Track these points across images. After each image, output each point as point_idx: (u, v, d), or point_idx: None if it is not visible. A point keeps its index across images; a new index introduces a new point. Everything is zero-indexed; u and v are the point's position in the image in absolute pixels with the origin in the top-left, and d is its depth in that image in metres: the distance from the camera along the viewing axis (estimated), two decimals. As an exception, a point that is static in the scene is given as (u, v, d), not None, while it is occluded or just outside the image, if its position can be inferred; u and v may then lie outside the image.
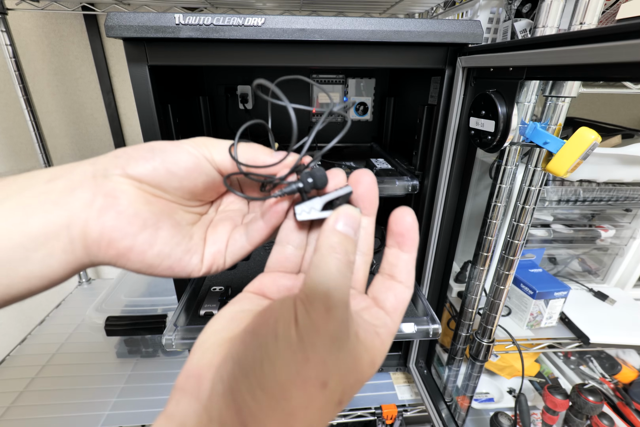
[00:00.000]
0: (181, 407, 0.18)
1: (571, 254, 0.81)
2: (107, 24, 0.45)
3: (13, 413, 0.74)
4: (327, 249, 0.18)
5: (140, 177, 0.20)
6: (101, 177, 0.20)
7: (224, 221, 0.25)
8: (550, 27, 0.40)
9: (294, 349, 0.16)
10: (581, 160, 0.37)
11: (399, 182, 0.64)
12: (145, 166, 0.21)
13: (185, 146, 0.23)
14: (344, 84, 0.91)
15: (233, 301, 0.22)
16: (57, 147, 1.11)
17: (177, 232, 0.22)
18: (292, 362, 0.16)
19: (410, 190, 0.65)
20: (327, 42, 0.49)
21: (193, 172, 0.22)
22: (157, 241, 0.21)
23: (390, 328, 0.20)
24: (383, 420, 0.77)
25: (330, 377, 0.16)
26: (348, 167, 0.77)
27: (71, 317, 1.04)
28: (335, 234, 0.19)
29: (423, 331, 0.57)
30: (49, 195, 0.19)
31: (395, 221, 0.21)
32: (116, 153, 0.21)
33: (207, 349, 0.19)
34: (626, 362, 0.83)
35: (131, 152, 0.21)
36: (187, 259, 0.22)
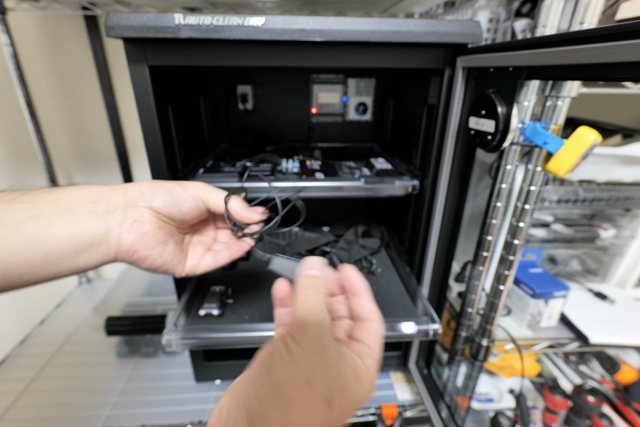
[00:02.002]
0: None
1: (571, 254, 0.81)
2: (107, 24, 0.45)
3: (13, 413, 0.74)
4: (302, 288, 0.26)
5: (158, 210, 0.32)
6: (132, 206, 0.30)
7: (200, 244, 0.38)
8: (550, 27, 0.40)
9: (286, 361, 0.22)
10: (581, 160, 0.37)
11: (399, 182, 0.64)
12: (164, 203, 0.32)
13: (190, 191, 0.34)
14: (344, 84, 0.91)
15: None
16: (57, 147, 1.11)
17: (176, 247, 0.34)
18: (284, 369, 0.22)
19: (410, 190, 0.65)
20: (327, 42, 0.49)
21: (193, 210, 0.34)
22: (165, 253, 0.32)
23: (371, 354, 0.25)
24: (383, 420, 0.77)
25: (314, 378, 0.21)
26: (348, 167, 0.76)
27: (71, 317, 1.04)
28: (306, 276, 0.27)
29: (423, 331, 0.58)
30: (94, 215, 0.28)
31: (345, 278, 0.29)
32: (142, 189, 0.32)
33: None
34: (626, 362, 0.83)
35: (154, 190, 0.32)
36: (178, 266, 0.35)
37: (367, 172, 0.73)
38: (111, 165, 1.16)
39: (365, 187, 0.63)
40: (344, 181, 0.63)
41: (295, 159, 0.78)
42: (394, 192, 0.65)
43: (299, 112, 0.95)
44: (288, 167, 0.73)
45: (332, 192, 0.63)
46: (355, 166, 0.78)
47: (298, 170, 0.72)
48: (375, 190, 0.64)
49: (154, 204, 0.31)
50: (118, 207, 0.29)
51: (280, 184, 0.61)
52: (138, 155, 1.15)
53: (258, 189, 0.60)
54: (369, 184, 0.63)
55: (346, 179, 0.65)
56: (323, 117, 0.95)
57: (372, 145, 0.98)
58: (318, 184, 0.62)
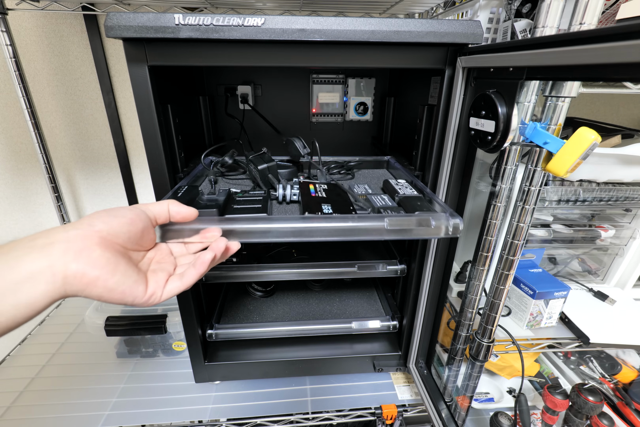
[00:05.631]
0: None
1: (571, 254, 0.81)
2: (107, 24, 0.45)
3: (13, 413, 0.74)
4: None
5: (100, 229, 0.31)
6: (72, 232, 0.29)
7: (161, 271, 0.36)
8: (550, 27, 0.40)
9: None
10: (581, 160, 0.37)
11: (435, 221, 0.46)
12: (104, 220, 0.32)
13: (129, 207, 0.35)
14: (344, 84, 0.91)
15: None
16: (57, 147, 1.11)
17: (129, 267, 0.32)
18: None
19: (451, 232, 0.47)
20: (327, 42, 0.49)
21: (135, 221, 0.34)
22: (117, 272, 0.30)
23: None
24: (383, 420, 0.77)
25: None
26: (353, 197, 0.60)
27: (71, 317, 1.04)
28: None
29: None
30: (32, 249, 0.27)
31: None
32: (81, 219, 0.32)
33: None
34: (626, 362, 0.83)
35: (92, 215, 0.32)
36: (135, 286, 0.32)
37: (387, 201, 0.57)
38: (111, 166, 1.16)
39: (390, 229, 0.46)
40: (361, 222, 0.46)
41: (295, 182, 0.65)
42: (428, 235, 0.47)
43: (299, 112, 0.95)
44: (286, 194, 0.60)
45: (345, 236, 0.46)
46: (370, 191, 0.64)
47: (298, 198, 0.59)
48: (404, 233, 0.46)
49: (95, 224, 0.31)
50: (57, 239, 0.28)
51: (275, 225, 0.45)
52: (138, 155, 1.15)
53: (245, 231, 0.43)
54: (394, 225, 0.46)
55: (364, 218, 0.46)
56: (323, 117, 0.95)
57: (389, 160, 0.81)
58: (326, 226, 0.45)
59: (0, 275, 0.26)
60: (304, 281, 0.97)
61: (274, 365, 0.80)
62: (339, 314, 0.85)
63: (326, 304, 0.89)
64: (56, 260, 0.27)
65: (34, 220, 1.20)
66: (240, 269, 0.71)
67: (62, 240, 0.28)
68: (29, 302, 0.26)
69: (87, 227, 0.30)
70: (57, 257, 0.27)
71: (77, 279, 0.28)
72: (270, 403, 0.78)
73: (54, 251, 0.27)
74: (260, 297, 0.92)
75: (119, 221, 0.32)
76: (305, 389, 0.82)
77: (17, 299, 0.26)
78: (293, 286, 0.96)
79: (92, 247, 0.29)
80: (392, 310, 0.83)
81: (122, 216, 0.33)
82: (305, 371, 0.83)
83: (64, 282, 0.27)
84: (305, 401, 0.78)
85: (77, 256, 0.28)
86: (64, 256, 0.28)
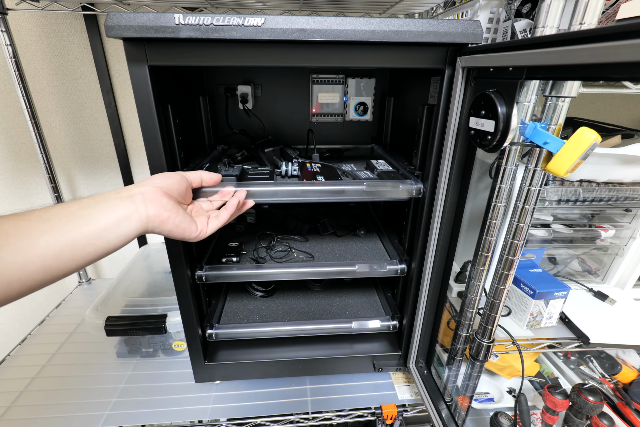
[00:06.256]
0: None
1: (571, 254, 0.81)
2: (107, 24, 0.45)
3: (13, 413, 0.74)
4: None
5: (160, 186, 0.44)
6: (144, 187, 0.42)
7: (203, 215, 0.50)
8: (550, 27, 0.40)
9: None
10: (581, 160, 0.37)
11: (403, 185, 0.62)
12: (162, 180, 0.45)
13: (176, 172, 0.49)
14: (344, 84, 0.91)
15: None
16: (57, 147, 1.11)
17: (184, 212, 0.46)
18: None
19: (414, 194, 0.63)
20: (327, 42, 0.49)
21: (181, 183, 0.47)
22: (179, 215, 0.44)
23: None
24: (383, 420, 0.77)
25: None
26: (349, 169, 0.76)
27: (71, 317, 1.04)
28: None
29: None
30: (121, 200, 0.39)
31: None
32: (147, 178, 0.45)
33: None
34: (626, 362, 0.83)
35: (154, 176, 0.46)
36: (191, 224, 0.46)
37: (369, 175, 0.71)
38: (111, 165, 1.16)
39: (368, 191, 0.61)
40: (345, 185, 0.62)
41: (295, 162, 0.77)
42: (397, 196, 0.63)
43: (299, 112, 0.95)
44: (288, 170, 0.72)
45: (333, 196, 0.61)
46: (355, 169, 0.76)
47: (298, 173, 0.71)
48: (378, 194, 0.62)
49: (157, 182, 0.44)
50: (135, 192, 0.40)
51: (279, 188, 0.59)
52: (138, 155, 1.15)
53: (257, 193, 0.58)
54: (371, 187, 0.61)
55: (348, 183, 0.63)
56: (323, 117, 0.95)
57: (373, 146, 0.97)
58: (319, 188, 0.61)
59: (106, 216, 0.37)
60: (304, 281, 0.97)
61: (274, 365, 0.80)
62: (339, 314, 0.85)
63: (326, 304, 0.89)
64: (139, 206, 0.39)
65: (34, 220, 1.20)
66: (241, 268, 0.72)
67: (139, 193, 0.41)
68: (126, 235, 0.38)
69: (152, 184, 0.43)
70: (139, 204, 0.40)
71: (156, 217, 0.41)
72: (270, 403, 0.78)
73: (136, 200, 0.40)
74: (260, 297, 0.92)
75: (172, 180, 0.46)
76: (305, 389, 0.82)
77: (119, 232, 0.37)
78: (293, 286, 0.96)
79: (161, 197, 0.42)
80: (392, 310, 0.83)
81: (172, 177, 0.46)
82: (305, 371, 0.83)
83: (147, 220, 0.40)
84: (305, 401, 0.78)
85: (153, 203, 0.41)
86: (144, 203, 0.40)
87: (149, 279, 1.04)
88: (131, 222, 0.38)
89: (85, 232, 0.35)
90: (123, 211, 0.38)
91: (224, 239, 0.88)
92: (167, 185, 0.44)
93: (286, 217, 0.95)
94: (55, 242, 0.33)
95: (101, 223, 0.36)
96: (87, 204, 0.37)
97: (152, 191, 0.42)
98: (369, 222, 0.98)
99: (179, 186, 0.46)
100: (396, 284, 0.85)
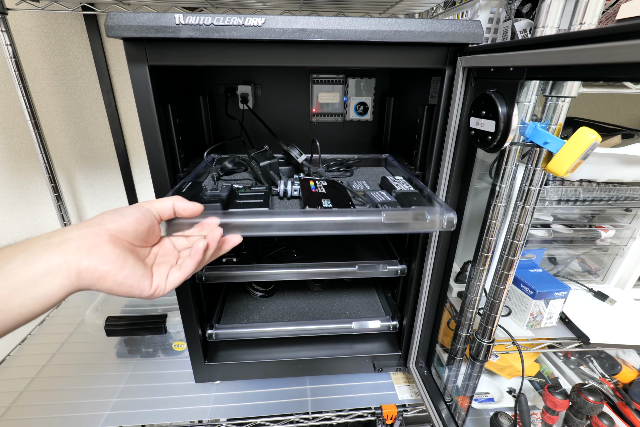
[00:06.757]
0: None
1: (571, 254, 0.81)
2: (107, 23, 0.45)
3: (13, 413, 0.74)
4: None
5: (109, 227, 0.33)
6: (84, 230, 0.32)
7: (165, 263, 0.38)
8: (550, 27, 0.40)
9: None
10: (581, 160, 0.37)
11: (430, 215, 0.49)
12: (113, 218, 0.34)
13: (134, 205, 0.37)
14: (344, 84, 0.91)
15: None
16: (57, 147, 1.11)
17: (136, 262, 0.34)
18: None
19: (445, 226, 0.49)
20: (327, 42, 0.49)
21: (141, 219, 0.36)
22: (124, 269, 0.32)
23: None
24: (383, 420, 0.77)
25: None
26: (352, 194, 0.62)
27: (71, 317, 1.04)
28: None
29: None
30: (49, 246, 0.30)
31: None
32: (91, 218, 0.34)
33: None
34: (626, 362, 0.83)
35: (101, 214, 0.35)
36: (142, 280, 0.34)
37: (386, 197, 0.59)
38: (111, 166, 1.16)
39: (387, 223, 0.48)
40: (359, 215, 0.48)
41: (296, 178, 0.66)
42: (423, 229, 0.50)
43: (299, 112, 0.95)
44: (287, 190, 0.61)
45: (344, 229, 0.48)
46: (369, 187, 0.65)
47: (299, 194, 0.61)
48: (400, 227, 0.49)
49: (105, 222, 0.33)
50: (71, 236, 0.31)
51: (276, 219, 0.46)
52: (138, 156, 1.15)
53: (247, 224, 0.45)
54: (391, 219, 0.48)
55: (362, 212, 0.48)
56: (323, 117, 0.95)
57: (387, 158, 0.83)
58: (326, 219, 0.47)
59: (22, 270, 0.28)
60: (304, 281, 0.97)
61: (274, 365, 0.80)
62: (339, 314, 0.85)
63: (326, 304, 0.89)
64: (70, 256, 0.30)
65: (34, 220, 1.20)
66: (240, 269, 0.72)
67: (75, 237, 0.31)
68: (47, 295, 0.29)
69: (97, 226, 0.32)
70: (71, 253, 0.30)
71: (90, 273, 0.30)
72: (270, 403, 0.78)
73: (68, 248, 0.30)
74: (260, 297, 0.92)
75: (127, 220, 0.34)
76: (305, 389, 0.82)
77: (36, 292, 0.28)
78: (293, 286, 0.96)
79: (103, 244, 0.31)
80: (392, 310, 0.83)
81: (129, 215, 0.35)
82: (305, 371, 0.83)
83: (77, 276, 0.30)
84: (305, 401, 0.78)
85: (89, 252, 0.30)
86: (77, 252, 0.30)
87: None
88: (55, 278, 0.29)
89: None
90: (46, 264, 0.29)
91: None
92: (120, 226, 0.34)
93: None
94: None
95: (13, 280, 0.27)
96: (6, 254, 0.29)
97: (94, 235, 0.31)
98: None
99: (138, 226, 0.35)
100: (396, 284, 0.85)
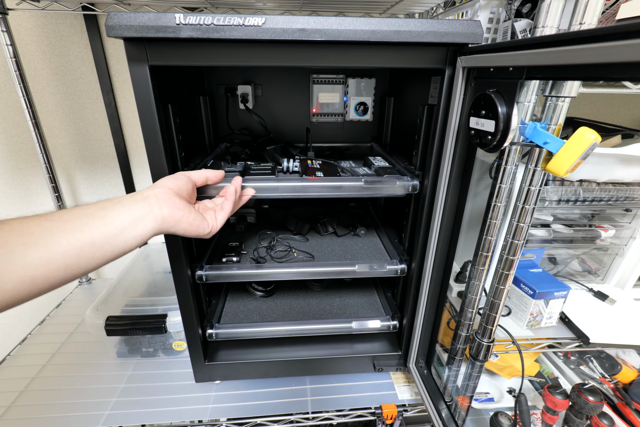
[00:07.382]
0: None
1: (571, 254, 0.81)
2: (107, 23, 0.45)
3: (13, 413, 0.74)
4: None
5: (172, 188, 0.47)
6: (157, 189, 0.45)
7: (208, 211, 0.52)
8: (550, 27, 0.40)
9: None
10: (581, 160, 0.37)
11: (399, 182, 0.64)
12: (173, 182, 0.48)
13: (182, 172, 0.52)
14: (344, 84, 0.91)
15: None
16: (57, 147, 1.11)
17: (195, 210, 0.48)
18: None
19: (410, 190, 0.64)
20: (327, 42, 0.49)
21: (188, 183, 0.50)
22: (191, 213, 0.47)
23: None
24: (383, 420, 0.77)
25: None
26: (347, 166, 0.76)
27: (71, 317, 1.04)
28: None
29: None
30: (136, 202, 0.42)
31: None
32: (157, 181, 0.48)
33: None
34: (626, 362, 0.83)
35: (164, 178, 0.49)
36: (203, 221, 0.49)
37: (367, 171, 0.73)
38: (111, 165, 1.16)
39: (366, 186, 0.63)
40: (344, 181, 0.63)
41: (297, 158, 0.79)
42: (394, 192, 0.64)
43: (299, 112, 0.95)
44: (289, 166, 0.74)
45: (332, 191, 0.63)
46: (354, 165, 0.78)
47: (299, 169, 0.73)
48: (376, 190, 0.64)
49: (168, 184, 0.47)
50: (149, 194, 0.43)
51: (281, 183, 0.62)
52: (138, 155, 1.15)
53: (259, 187, 0.61)
54: (369, 183, 0.63)
55: (346, 179, 0.65)
56: (323, 117, 0.95)
57: (372, 145, 0.98)
58: (318, 184, 0.63)
59: (122, 217, 0.39)
60: (304, 281, 0.97)
61: (274, 365, 0.80)
62: (339, 314, 0.85)
63: (326, 304, 0.89)
64: (154, 207, 0.42)
65: (34, 220, 1.20)
66: (240, 268, 0.72)
67: (153, 195, 0.43)
68: (142, 234, 0.41)
69: (163, 187, 0.46)
70: (154, 205, 0.42)
71: (171, 217, 0.44)
72: (270, 403, 0.78)
73: (151, 202, 0.42)
74: (260, 297, 0.92)
75: (181, 181, 0.48)
76: (305, 389, 0.82)
77: (135, 231, 0.40)
78: (293, 286, 0.96)
79: (173, 197, 0.45)
80: (392, 310, 0.83)
81: (181, 179, 0.49)
82: (305, 371, 0.83)
83: (162, 220, 0.43)
84: (305, 401, 0.78)
85: (166, 204, 0.43)
86: (158, 204, 0.43)
87: (149, 279, 1.04)
88: (147, 222, 0.41)
89: (103, 232, 0.37)
90: (139, 212, 0.40)
91: (224, 239, 0.88)
92: (178, 186, 0.47)
93: (286, 217, 0.95)
94: (76, 241, 0.35)
95: (118, 223, 0.38)
96: (104, 206, 0.39)
97: (165, 193, 0.44)
98: (369, 222, 0.98)
99: (187, 186, 0.49)
100: (396, 284, 0.85)
